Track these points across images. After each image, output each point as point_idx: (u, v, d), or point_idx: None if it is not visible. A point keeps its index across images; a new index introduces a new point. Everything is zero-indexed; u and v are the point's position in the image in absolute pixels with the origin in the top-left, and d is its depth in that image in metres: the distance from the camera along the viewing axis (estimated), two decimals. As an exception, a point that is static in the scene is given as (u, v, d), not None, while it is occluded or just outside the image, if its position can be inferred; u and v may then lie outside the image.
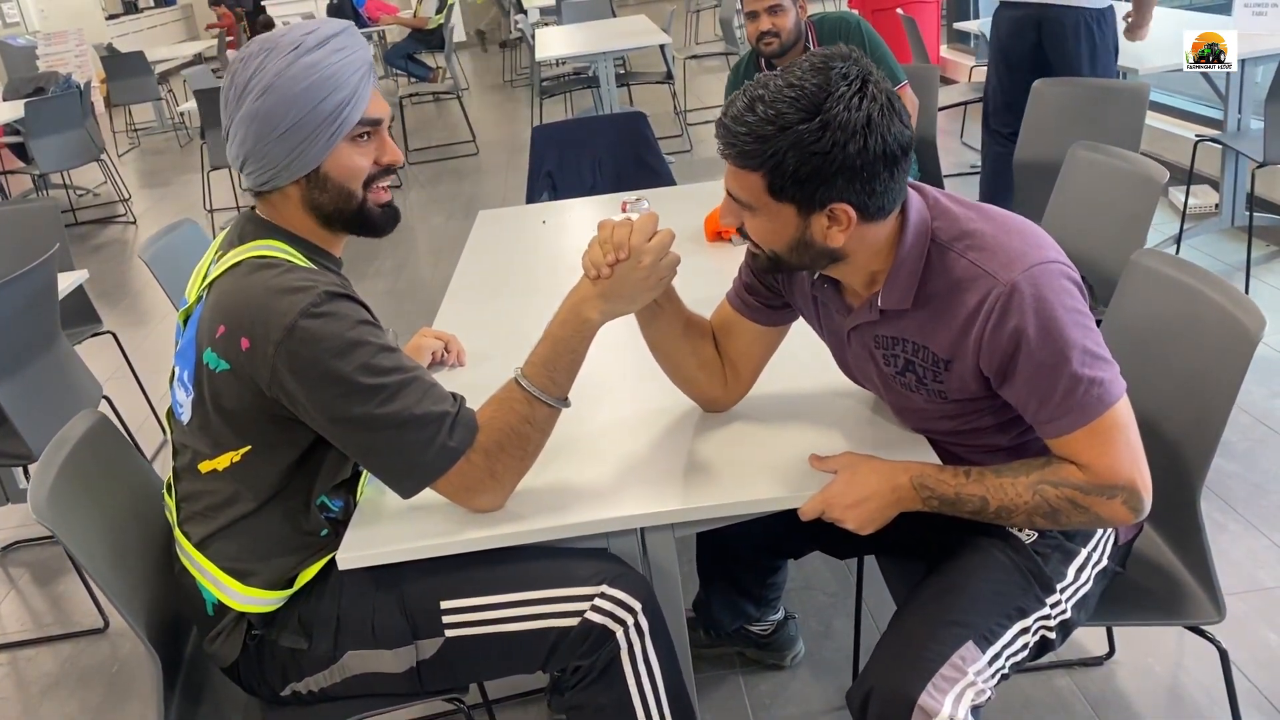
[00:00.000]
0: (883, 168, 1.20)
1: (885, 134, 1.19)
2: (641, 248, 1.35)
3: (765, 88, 1.21)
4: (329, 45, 1.33)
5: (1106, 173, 2.27)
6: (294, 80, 1.30)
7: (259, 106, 1.31)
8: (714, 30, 10.52)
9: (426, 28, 8.95)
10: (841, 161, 1.19)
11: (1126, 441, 1.25)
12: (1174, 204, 4.20)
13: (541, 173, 3.38)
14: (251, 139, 1.33)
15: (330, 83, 1.31)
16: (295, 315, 1.26)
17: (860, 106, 1.18)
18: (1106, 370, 1.24)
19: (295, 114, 1.30)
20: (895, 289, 1.31)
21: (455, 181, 6.55)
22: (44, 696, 2.35)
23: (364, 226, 1.42)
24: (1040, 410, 1.26)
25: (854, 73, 1.19)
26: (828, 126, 1.17)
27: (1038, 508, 1.29)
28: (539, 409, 1.37)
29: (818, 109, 1.17)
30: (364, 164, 1.38)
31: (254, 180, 1.37)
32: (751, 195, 1.26)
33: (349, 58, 1.34)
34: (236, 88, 1.33)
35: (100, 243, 6.25)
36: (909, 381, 1.38)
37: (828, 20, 3.01)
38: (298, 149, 1.33)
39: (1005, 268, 1.24)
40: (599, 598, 1.38)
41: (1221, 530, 2.32)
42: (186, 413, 1.39)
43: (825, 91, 1.18)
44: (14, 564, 2.91)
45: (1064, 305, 1.22)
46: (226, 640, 1.44)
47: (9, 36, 10.31)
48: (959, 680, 1.26)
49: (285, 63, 1.30)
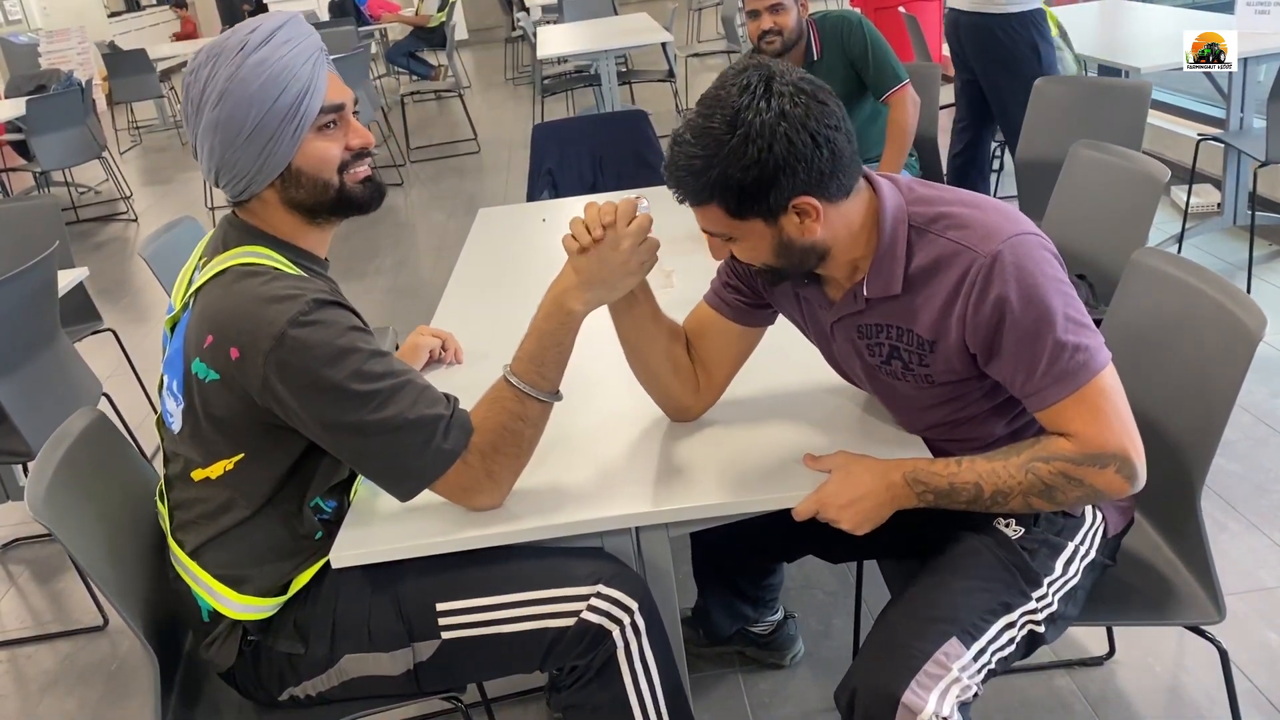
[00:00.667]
0: (816, 150, 1.22)
1: (804, 120, 1.22)
2: (621, 231, 1.35)
3: (689, 128, 1.25)
4: (275, 39, 1.30)
5: (1108, 171, 2.27)
6: (246, 82, 1.28)
7: (218, 115, 1.29)
8: (716, 28, 10.51)
9: (428, 25, 8.95)
10: (774, 162, 1.22)
11: (1115, 409, 1.26)
12: (1176, 203, 4.20)
13: (542, 171, 3.38)
14: (219, 149, 1.31)
15: (283, 77, 1.29)
16: (284, 324, 1.25)
17: (770, 106, 1.21)
18: (1090, 338, 1.25)
19: (255, 115, 1.28)
20: (880, 276, 1.33)
21: (456, 179, 6.55)
22: (43, 694, 2.35)
23: (348, 208, 1.39)
24: (1027, 382, 1.27)
25: (754, 79, 1.23)
26: (748, 137, 1.21)
27: (1032, 486, 1.29)
28: (530, 405, 1.36)
29: (733, 125, 1.21)
30: (335, 152, 1.36)
31: (231, 190, 1.36)
32: (720, 225, 1.30)
33: (297, 48, 1.31)
34: (193, 101, 1.31)
35: (101, 240, 6.25)
36: (894, 369, 1.38)
37: (829, 19, 3.00)
38: (265, 150, 1.31)
39: (984, 240, 1.26)
40: (595, 597, 1.37)
41: (1222, 529, 2.32)
42: (177, 422, 1.38)
43: (733, 107, 1.22)
44: (13, 561, 2.91)
45: (1044, 274, 1.24)
46: (222, 646, 1.44)
47: (11, 34, 10.31)
48: (943, 677, 1.25)
49: (234, 65, 1.28)
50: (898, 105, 2.96)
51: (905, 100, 2.95)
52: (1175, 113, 5.08)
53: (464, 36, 13.18)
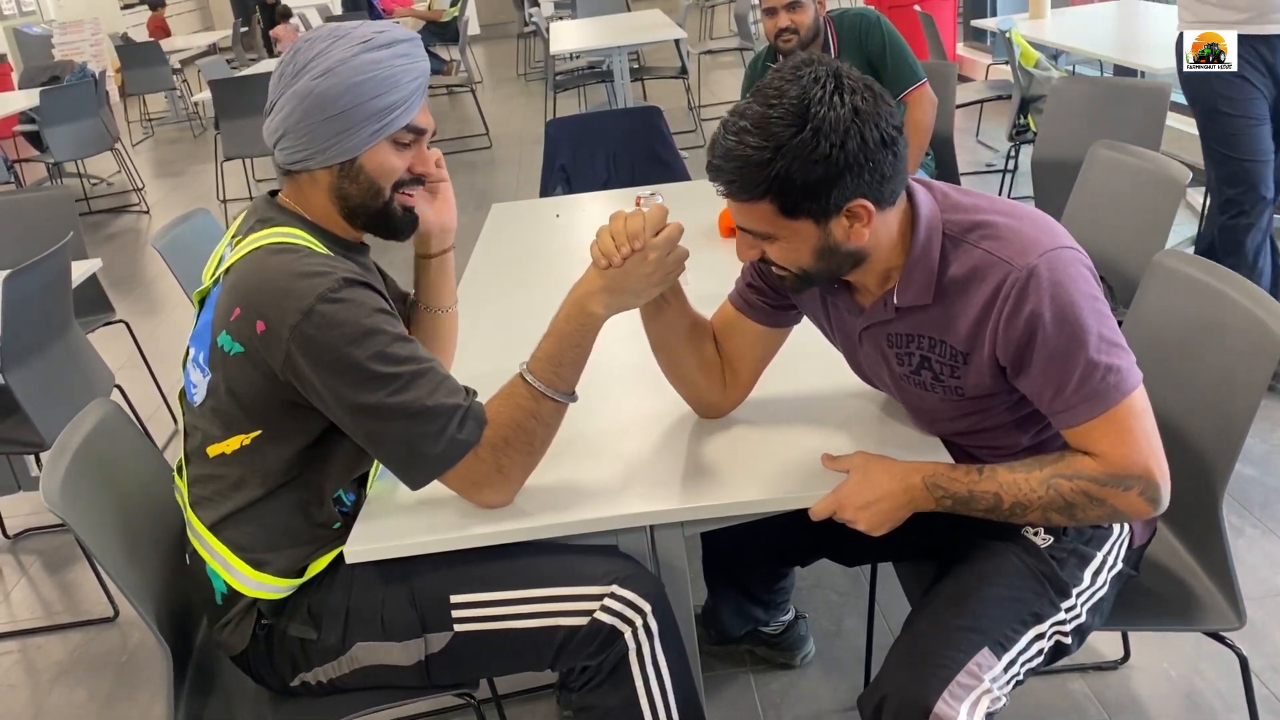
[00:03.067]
0: (884, 152, 1.20)
1: (876, 120, 1.19)
2: (649, 242, 1.33)
3: (745, 116, 1.20)
4: (395, 49, 1.36)
5: (1128, 173, 2.25)
6: (355, 70, 1.32)
7: (315, 86, 1.32)
8: (729, 25, 10.49)
9: (441, 20, 8.95)
10: (844, 160, 1.18)
11: (1143, 431, 1.24)
12: (1192, 205, 4.17)
13: (555, 166, 3.37)
14: (298, 115, 1.33)
15: (388, 82, 1.34)
16: (312, 299, 1.26)
17: (844, 102, 1.18)
18: (1123, 358, 1.23)
19: (347, 102, 1.32)
20: (912, 284, 1.30)
21: (468, 174, 6.54)
22: (53, 684, 2.36)
23: (383, 227, 1.43)
24: (1055, 399, 1.25)
25: (825, 73, 1.19)
26: (820, 131, 1.17)
27: (1052, 502, 1.27)
28: (544, 404, 1.35)
29: (804, 118, 1.17)
30: (399, 166, 1.40)
31: (287, 157, 1.37)
32: (765, 223, 1.25)
33: (410, 65, 1.37)
34: (296, 64, 1.34)
35: (113, 232, 6.27)
36: (924, 380, 1.36)
37: (847, 17, 2.99)
38: (340, 135, 1.34)
39: (1020, 254, 1.23)
40: (609, 598, 1.37)
41: (1239, 535, 2.30)
42: (199, 394, 1.39)
43: (805, 100, 1.18)
44: (26, 551, 2.92)
45: (1080, 291, 1.21)
46: (236, 629, 1.44)
47: (25, 25, 10.35)
48: (975, 688, 1.24)
49: (351, 53, 1.33)
50: (915, 104, 2.94)
51: (923, 99, 2.94)
52: (1192, 114, 5.04)
53: (476, 31, 13.18)
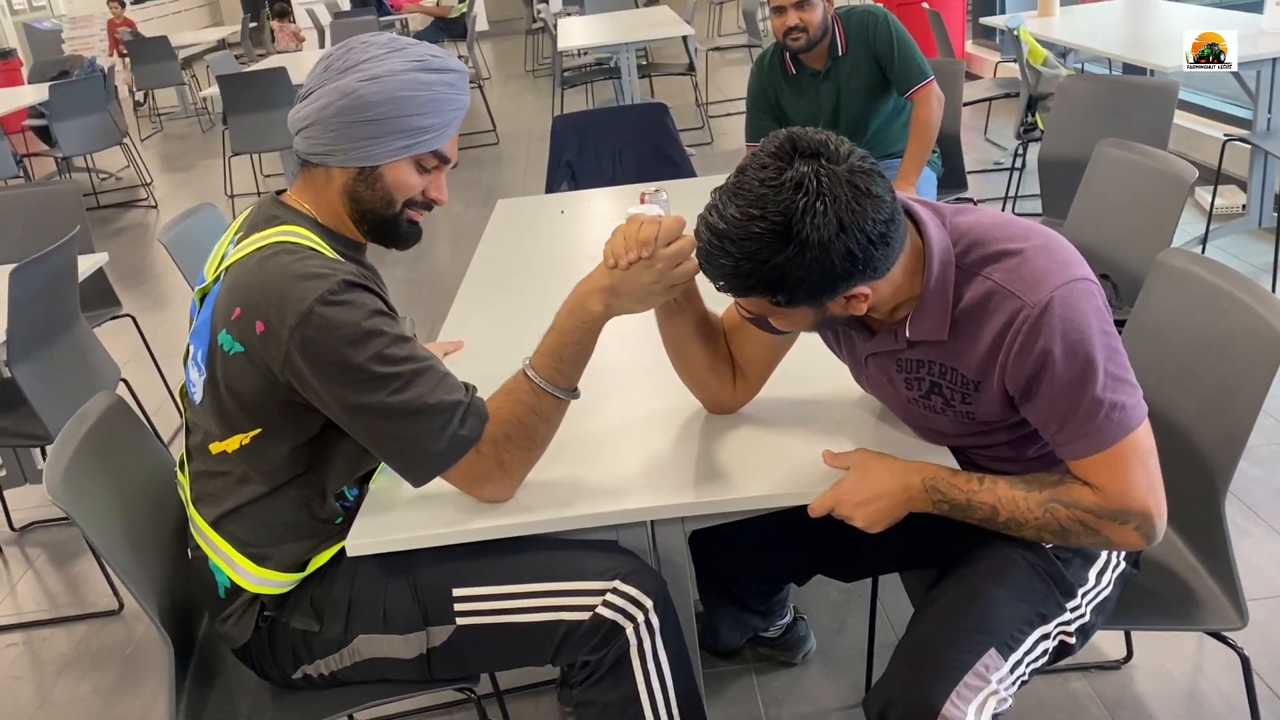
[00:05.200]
0: (875, 248, 1.16)
1: (863, 224, 1.13)
2: (658, 253, 1.32)
3: (725, 219, 1.15)
4: (445, 76, 1.38)
5: (1134, 171, 2.24)
6: (403, 85, 1.33)
7: (360, 88, 1.32)
8: (737, 23, 10.48)
9: (449, 16, 8.95)
10: (832, 269, 1.15)
11: (1144, 468, 1.23)
12: (1200, 204, 4.15)
13: (561, 162, 3.37)
14: (332, 110, 1.33)
15: (430, 105, 1.35)
16: (312, 301, 1.26)
17: (828, 210, 1.12)
18: (1129, 395, 1.22)
19: (385, 111, 1.33)
20: (925, 320, 1.28)
21: (475, 170, 6.55)
22: (58, 676, 2.37)
23: (389, 236, 1.45)
24: (1060, 432, 1.24)
25: (806, 172, 1.12)
26: (805, 246, 1.13)
27: (1047, 524, 1.27)
28: (545, 400, 1.36)
29: (788, 234, 1.12)
30: (416, 186, 1.41)
31: (310, 146, 1.37)
32: (761, 309, 1.27)
33: (455, 95, 1.39)
34: (346, 61, 1.35)
35: (121, 226, 6.28)
36: (935, 404, 1.35)
37: (855, 14, 2.98)
38: (369, 142, 1.34)
39: (1033, 288, 1.21)
40: (611, 593, 1.37)
41: (1243, 535, 2.29)
42: (199, 392, 1.39)
43: (788, 213, 1.12)
44: (31, 544, 2.93)
45: (1091, 327, 1.20)
46: (238, 622, 1.45)
47: (35, 20, 10.38)
48: (982, 689, 1.24)
49: (403, 67, 1.34)
50: (922, 102, 2.93)
51: (929, 97, 2.93)
52: (1201, 113, 5.03)
53: (484, 28, 13.19)
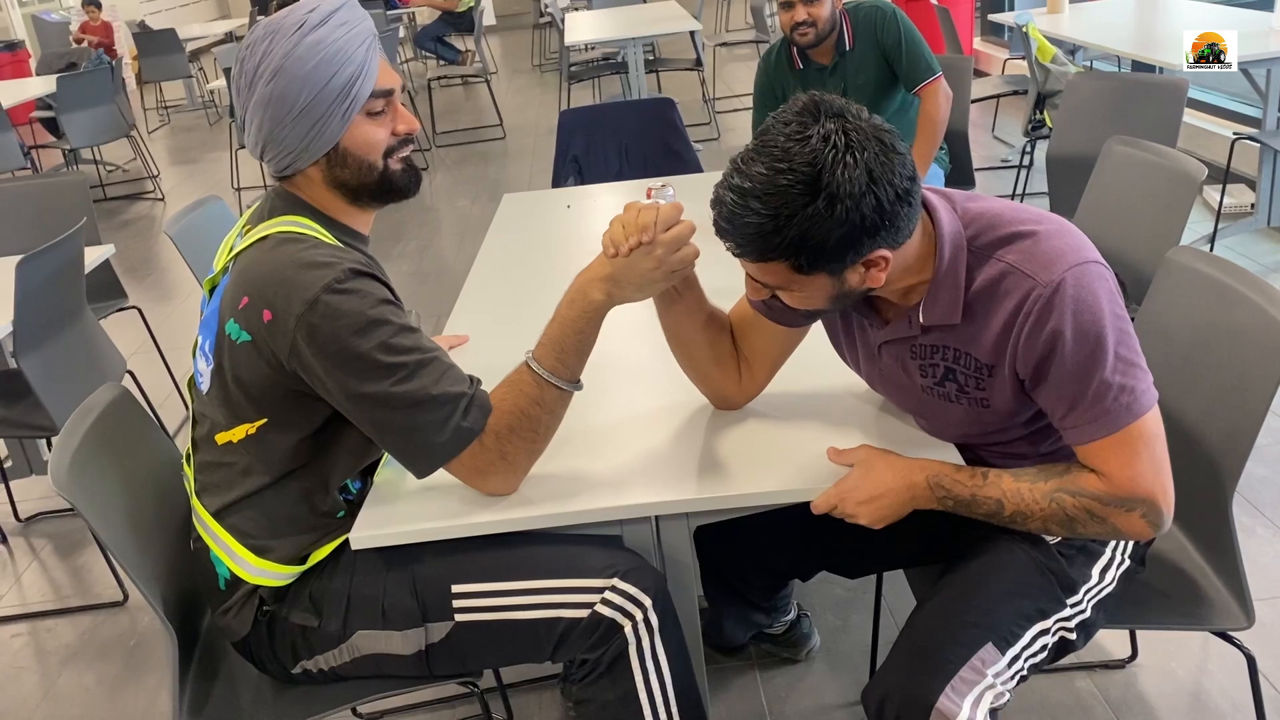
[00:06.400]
0: (900, 205, 1.15)
1: (891, 178, 1.13)
2: (657, 239, 1.32)
3: (750, 178, 1.13)
4: (332, 20, 1.31)
5: (1143, 169, 2.23)
6: (302, 60, 1.29)
7: (271, 90, 1.30)
8: (745, 18, 10.46)
9: (457, 10, 8.95)
10: (861, 224, 1.14)
11: (1151, 454, 1.22)
12: (1209, 202, 4.14)
13: (568, 157, 3.36)
14: (268, 124, 1.32)
15: (338, 58, 1.30)
16: (319, 289, 1.26)
17: (858, 163, 1.11)
18: (1139, 379, 1.21)
19: (308, 94, 1.29)
20: (938, 304, 1.28)
21: (481, 164, 6.54)
22: (62, 667, 2.37)
23: (390, 193, 1.41)
24: (1068, 415, 1.24)
25: (833, 128, 1.12)
26: (835, 198, 1.11)
27: (1053, 515, 1.26)
28: (548, 391, 1.35)
29: (817, 185, 1.11)
30: (382, 136, 1.37)
31: (276, 166, 1.37)
32: (779, 279, 1.22)
33: (353, 30, 1.32)
34: (246, 74, 1.32)
35: (128, 218, 6.29)
36: (949, 391, 1.34)
37: (862, 9, 2.97)
38: (314, 129, 1.32)
39: (1045, 269, 1.20)
40: (609, 590, 1.36)
41: (1249, 535, 2.28)
42: (206, 382, 1.40)
43: (817, 164, 1.11)
44: (37, 535, 2.94)
45: (1102, 308, 1.19)
46: (238, 615, 1.45)
47: (43, 12, 10.39)
48: (978, 683, 1.24)
49: (291, 43, 1.29)
50: (929, 98, 2.92)
51: (937, 93, 2.92)
52: (1210, 111, 5.01)
53: (492, 22, 13.18)
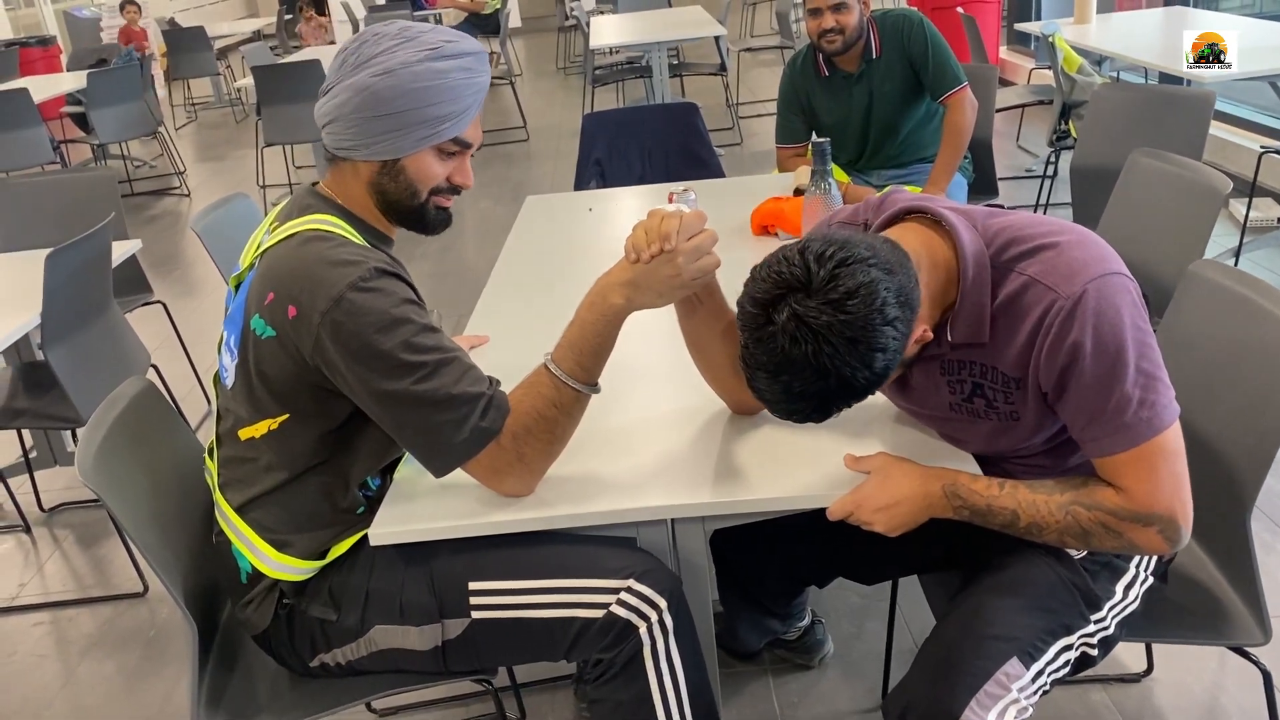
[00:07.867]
0: (899, 324, 1.14)
1: (884, 345, 1.14)
2: (678, 247, 1.33)
3: (770, 393, 1.18)
4: (460, 61, 1.37)
5: (1168, 181, 2.22)
6: (416, 76, 1.33)
7: (374, 83, 1.33)
8: (770, 24, 10.46)
9: (483, 12, 8.99)
10: (878, 377, 1.16)
11: (1170, 470, 1.22)
12: (1234, 216, 4.11)
13: (590, 160, 3.38)
14: (350, 107, 1.35)
15: (447, 93, 1.35)
16: (344, 287, 1.28)
17: (837, 352, 1.12)
18: (1161, 393, 1.21)
19: (401, 105, 1.33)
20: (965, 323, 1.28)
21: (504, 166, 6.57)
22: (82, 656, 2.40)
23: (417, 224, 1.46)
24: (1088, 428, 1.23)
25: (791, 328, 1.13)
26: (848, 382, 1.15)
27: (1069, 528, 1.26)
28: (566, 393, 1.36)
29: (823, 374, 1.13)
30: (440, 174, 1.42)
31: (334, 142, 1.40)
32: None
33: (473, 80, 1.38)
34: (360, 56, 1.35)
35: (154, 214, 6.35)
36: (977, 407, 1.34)
37: (890, 17, 2.97)
38: (388, 135, 1.35)
39: (1066, 281, 1.20)
40: (625, 592, 1.37)
41: (1269, 551, 2.26)
42: (230, 377, 1.42)
43: (811, 366, 1.13)
44: (60, 525, 2.97)
45: (1124, 321, 1.19)
46: (258, 608, 1.46)
47: (75, 9, 10.51)
48: (1003, 697, 1.24)
49: (416, 58, 1.34)
50: (955, 107, 2.92)
51: (963, 102, 2.92)
52: (1237, 124, 4.98)
53: (517, 24, 13.23)
